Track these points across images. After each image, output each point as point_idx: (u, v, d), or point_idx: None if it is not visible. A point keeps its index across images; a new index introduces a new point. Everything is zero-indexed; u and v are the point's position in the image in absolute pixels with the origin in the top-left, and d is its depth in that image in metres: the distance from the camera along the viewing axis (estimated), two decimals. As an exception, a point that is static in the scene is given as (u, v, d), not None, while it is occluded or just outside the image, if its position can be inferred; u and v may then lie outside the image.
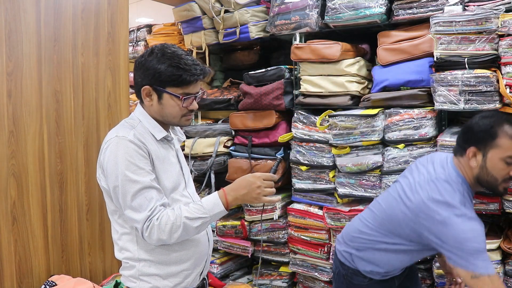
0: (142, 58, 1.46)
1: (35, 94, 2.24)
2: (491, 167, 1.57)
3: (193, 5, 3.26)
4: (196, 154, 3.21)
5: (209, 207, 1.40)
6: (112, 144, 1.40)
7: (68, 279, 2.27)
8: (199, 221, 1.39)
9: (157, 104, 1.47)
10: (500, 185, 1.59)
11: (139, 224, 1.37)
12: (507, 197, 2.20)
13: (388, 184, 2.46)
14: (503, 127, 1.56)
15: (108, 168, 1.40)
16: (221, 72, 3.80)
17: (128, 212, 1.39)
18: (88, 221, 2.50)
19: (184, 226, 1.38)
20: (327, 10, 2.69)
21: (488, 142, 1.57)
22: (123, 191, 1.37)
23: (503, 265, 2.22)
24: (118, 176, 1.37)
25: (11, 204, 2.15)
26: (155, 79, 1.43)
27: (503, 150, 1.55)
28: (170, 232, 1.37)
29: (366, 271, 1.79)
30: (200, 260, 1.56)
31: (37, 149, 2.25)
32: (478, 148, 1.60)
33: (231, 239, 3.07)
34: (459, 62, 2.22)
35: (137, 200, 1.37)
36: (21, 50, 2.18)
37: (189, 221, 1.38)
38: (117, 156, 1.38)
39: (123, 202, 1.39)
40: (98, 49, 2.52)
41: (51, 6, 2.29)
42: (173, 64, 1.42)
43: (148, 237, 1.38)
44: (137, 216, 1.37)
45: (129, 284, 1.50)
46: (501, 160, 1.55)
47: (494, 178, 1.58)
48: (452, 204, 1.53)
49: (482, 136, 1.59)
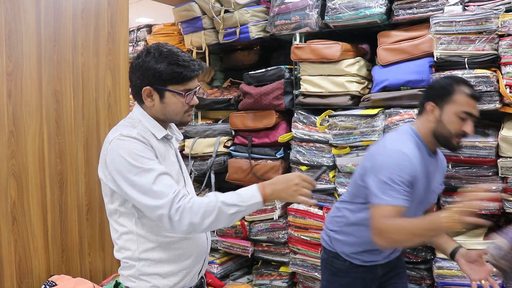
0: (139, 60, 1.44)
1: (35, 94, 2.24)
2: (446, 121, 1.67)
3: (193, 5, 3.26)
4: (196, 154, 3.21)
5: (247, 197, 1.37)
6: (118, 143, 1.40)
7: (68, 279, 2.27)
8: (234, 208, 1.35)
9: (159, 103, 1.47)
10: (453, 139, 1.69)
11: (164, 210, 1.33)
12: (507, 197, 2.20)
13: (388, 184, 2.46)
14: (460, 85, 1.68)
15: (120, 166, 1.37)
16: (221, 72, 3.80)
17: (149, 201, 1.34)
18: (88, 221, 2.50)
19: (218, 211, 1.33)
20: (327, 10, 2.69)
21: (445, 98, 1.68)
22: (140, 182, 1.34)
23: (503, 265, 2.22)
24: (132, 170, 1.35)
25: (11, 204, 2.15)
26: (156, 79, 1.43)
27: (458, 105, 1.66)
28: (203, 216, 1.33)
29: (344, 253, 1.85)
30: (199, 259, 1.56)
31: (37, 149, 2.25)
32: (436, 103, 1.70)
33: (231, 239, 3.07)
34: (459, 62, 2.22)
35: (157, 187, 1.34)
36: (21, 50, 2.18)
37: (225, 206, 1.34)
38: (125, 153, 1.37)
39: (142, 194, 1.35)
40: (98, 49, 2.52)
41: (51, 6, 2.29)
42: (173, 62, 1.42)
43: (178, 222, 1.33)
44: (161, 202, 1.33)
45: (129, 283, 1.50)
46: (455, 114, 1.66)
47: (448, 131, 1.67)
48: (395, 145, 1.68)
49: (441, 92, 1.70)
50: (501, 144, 2.16)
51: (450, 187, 2.33)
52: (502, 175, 2.19)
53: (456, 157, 2.25)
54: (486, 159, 2.20)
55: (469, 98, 1.66)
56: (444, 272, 2.30)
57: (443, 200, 2.35)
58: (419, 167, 1.64)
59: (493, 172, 2.22)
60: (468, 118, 1.67)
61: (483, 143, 2.19)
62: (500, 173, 2.18)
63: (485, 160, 2.20)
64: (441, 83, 1.74)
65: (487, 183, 2.24)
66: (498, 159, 2.18)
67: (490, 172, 2.23)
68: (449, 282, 2.29)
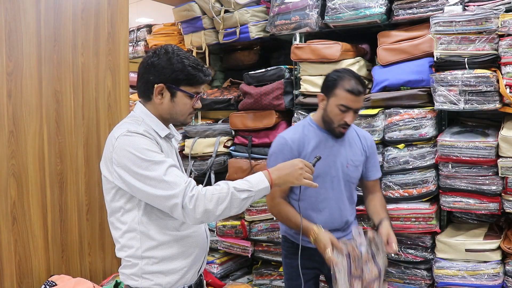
0: (156, 58, 1.46)
1: (35, 94, 2.24)
2: (329, 111, 1.88)
3: (193, 5, 3.26)
4: (196, 154, 3.21)
5: (255, 182, 1.43)
6: (125, 139, 1.41)
7: (68, 279, 2.27)
8: (246, 193, 1.41)
9: (169, 102, 1.49)
10: (336, 128, 1.89)
11: (178, 199, 1.35)
12: (507, 197, 2.20)
13: (388, 184, 2.46)
14: (343, 80, 1.85)
15: (128, 162, 1.38)
16: (221, 72, 3.80)
17: (162, 192, 1.36)
18: (88, 221, 2.50)
19: (231, 197, 1.38)
20: (327, 10, 2.69)
21: (330, 90, 1.88)
22: (152, 175, 1.36)
23: (503, 265, 2.22)
24: (141, 165, 1.37)
25: (11, 204, 2.15)
26: (172, 78, 1.45)
27: (338, 98, 1.84)
28: (217, 202, 1.37)
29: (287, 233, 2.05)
30: (200, 257, 1.58)
31: (37, 149, 2.25)
32: (325, 94, 1.91)
33: (231, 239, 3.07)
34: (459, 62, 2.22)
35: (168, 177, 1.37)
36: (21, 50, 2.18)
37: (237, 192, 1.40)
38: (134, 148, 1.38)
39: (153, 187, 1.37)
40: (98, 49, 2.52)
41: (51, 6, 2.29)
42: (190, 64, 1.46)
43: (193, 210, 1.36)
44: (174, 191, 1.35)
45: (130, 282, 1.50)
46: (336, 106, 1.85)
47: (331, 120, 1.88)
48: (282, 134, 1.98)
49: (327, 85, 1.90)
50: (501, 144, 2.16)
51: (450, 187, 2.33)
52: (502, 175, 2.19)
53: (456, 157, 2.25)
54: (486, 159, 2.20)
55: (347, 93, 1.83)
56: (444, 272, 2.30)
57: (443, 200, 2.36)
58: (308, 146, 1.90)
59: (493, 172, 2.22)
60: (347, 110, 1.85)
61: (483, 143, 2.19)
62: (500, 173, 2.19)
63: (485, 160, 2.20)
64: (329, 76, 1.91)
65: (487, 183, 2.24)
66: (498, 159, 2.18)
67: (490, 172, 2.23)
68: (449, 282, 2.29)
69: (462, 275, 2.25)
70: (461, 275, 2.26)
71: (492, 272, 2.20)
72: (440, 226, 2.43)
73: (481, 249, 2.23)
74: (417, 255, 2.43)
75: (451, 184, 2.32)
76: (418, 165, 2.40)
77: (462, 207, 2.32)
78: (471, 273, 2.24)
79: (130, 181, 1.39)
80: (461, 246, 2.26)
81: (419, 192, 2.40)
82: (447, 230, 2.44)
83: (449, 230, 2.44)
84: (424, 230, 2.40)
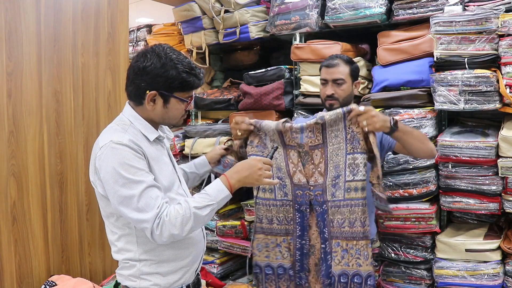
0: (148, 63, 1.41)
1: (35, 94, 2.24)
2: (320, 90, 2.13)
3: (193, 5, 3.25)
4: (196, 154, 3.21)
5: (214, 194, 1.43)
6: (108, 150, 1.38)
7: (68, 279, 2.27)
8: (207, 209, 1.41)
9: (162, 108, 1.46)
10: (325, 102, 2.11)
11: (148, 224, 1.36)
12: (507, 197, 2.20)
13: (388, 184, 2.46)
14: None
15: (107, 174, 1.37)
16: (221, 72, 3.80)
17: (134, 214, 1.36)
18: (88, 221, 2.50)
19: (194, 217, 1.38)
20: (327, 10, 2.69)
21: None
22: (127, 194, 1.35)
23: (503, 265, 2.22)
24: (119, 180, 1.35)
25: (11, 204, 2.15)
26: (165, 86, 1.42)
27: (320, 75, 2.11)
28: (182, 225, 1.37)
29: None
30: (197, 257, 1.58)
31: (37, 149, 2.25)
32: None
33: (231, 239, 3.07)
34: (459, 62, 2.22)
35: (143, 200, 1.36)
36: (21, 50, 2.18)
37: (198, 210, 1.39)
38: (115, 162, 1.36)
39: (127, 206, 1.36)
40: (98, 49, 2.52)
41: (51, 6, 2.29)
42: (184, 70, 1.42)
43: (160, 235, 1.37)
44: (145, 216, 1.35)
45: (128, 283, 1.50)
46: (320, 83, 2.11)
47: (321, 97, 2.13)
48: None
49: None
50: (501, 144, 2.16)
51: (450, 187, 2.33)
52: (502, 175, 2.19)
53: (456, 157, 2.25)
54: (486, 159, 2.20)
55: (323, 67, 2.09)
56: (444, 272, 2.30)
57: (443, 200, 2.36)
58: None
59: (493, 172, 2.22)
60: (326, 83, 2.06)
61: (483, 143, 2.19)
62: (500, 173, 2.19)
63: (485, 160, 2.20)
64: None
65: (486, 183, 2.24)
66: (498, 159, 2.18)
67: (490, 172, 2.23)
68: (449, 282, 2.29)
69: (462, 275, 2.25)
70: (461, 275, 2.25)
71: (492, 272, 2.20)
72: (440, 226, 2.43)
73: (481, 249, 2.23)
74: (417, 255, 2.43)
75: (451, 184, 2.32)
76: (418, 165, 2.40)
77: (462, 207, 2.32)
78: (471, 273, 2.24)
79: (108, 193, 1.40)
80: (461, 246, 2.26)
81: (419, 192, 2.40)
82: (447, 230, 2.44)
83: (449, 230, 2.44)
84: (424, 230, 2.40)
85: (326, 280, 1.81)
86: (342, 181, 1.75)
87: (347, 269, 1.77)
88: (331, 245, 1.78)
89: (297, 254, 1.86)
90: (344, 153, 1.74)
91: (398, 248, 2.47)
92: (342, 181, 1.75)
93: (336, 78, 2.03)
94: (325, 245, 1.79)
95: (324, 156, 1.78)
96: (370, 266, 1.75)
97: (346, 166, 1.74)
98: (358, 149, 1.72)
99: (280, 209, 1.86)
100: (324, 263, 1.80)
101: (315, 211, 1.80)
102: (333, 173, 1.77)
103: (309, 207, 1.82)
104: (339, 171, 1.76)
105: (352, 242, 1.75)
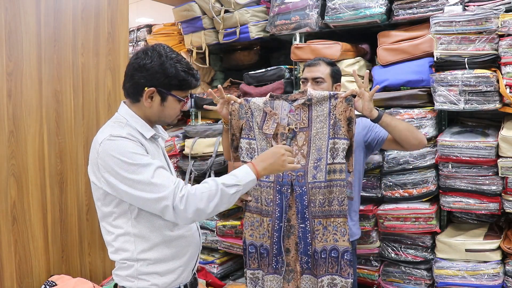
0: (148, 60, 1.43)
1: (35, 94, 2.24)
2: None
3: (193, 5, 3.25)
4: (196, 154, 3.21)
5: (241, 176, 1.44)
6: (109, 144, 1.38)
7: (68, 279, 2.27)
8: (234, 188, 1.41)
9: (159, 105, 1.47)
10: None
11: (168, 201, 1.34)
12: (507, 197, 2.20)
13: (388, 184, 2.46)
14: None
15: (115, 166, 1.37)
16: (221, 72, 3.80)
17: (151, 195, 1.35)
18: (88, 221, 2.50)
19: (221, 193, 1.38)
20: (327, 10, 2.69)
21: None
22: (139, 179, 1.35)
23: (503, 265, 2.22)
24: (127, 169, 1.35)
25: (11, 204, 2.15)
26: (164, 82, 1.44)
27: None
28: (208, 200, 1.37)
29: None
30: (194, 255, 1.59)
31: (37, 149, 2.25)
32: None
33: (231, 239, 3.07)
34: (459, 62, 2.22)
35: (156, 179, 1.35)
36: (21, 50, 2.18)
37: (226, 188, 1.39)
38: (118, 153, 1.36)
39: (142, 190, 1.35)
40: (98, 49, 2.52)
41: (51, 6, 2.29)
42: (183, 69, 1.44)
43: (184, 210, 1.35)
44: (163, 193, 1.35)
45: (125, 283, 1.49)
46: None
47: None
48: None
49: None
50: (501, 144, 2.16)
51: (450, 187, 2.33)
52: (502, 175, 2.19)
53: (456, 157, 2.25)
54: (486, 159, 2.20)
55: (305, 67, 2.13)
56: (444, 272, 2.30)
57: (443, 200, 2.36)
58: None
59: (493, 172, 2.22)
60: (306, 81, 2.09)
61: (483, 143, 2.19)
62: (500, 173, 2.19)
63: (485, 160, 2.20)
64: None
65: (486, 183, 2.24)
66: (498, 159, 2.18)
67: (490, 172, 2.23)
68: (449, 282, 2.29)
69: (462, 275, 2.25)
70: (461, 275, 2.25)
71: (492, 272, 2.20)
72: (440, 226, 2.43)
73: (481, 249, 2.23)
74: (417, 255, 2.43)
75: (451, 184, 2.32)
76: (418, 165, 2.40)
77: (462, 207, 2.32)
78: (471, 273, 2.24)
79: (118, 186, 1.38)
80: (461, 246, 2.26)
81: (419, 192, 2.40)
82: (447, 230, 2.44)
83: (449, 230, 2.44)
84: (424, 230, 2.39)
85: (304, 258, 1.88)
86: (323, 164, 1.83)
87: (326, 244, 1.85)
88: (313, 224, 1.85)
89: (275, 236, 1.90)
90: (326, 137, 1.83)
91: (398, 248, 2.47)
92: (323, 164, 1.83)
93: (315, 76, 2.06)
94: (305, 224, 1.86)
95: (308, 139, 1.85)
96: (347, 242, 1.85)
97: (328, 150, 1.83)
98: (339, 134, 1.82)
99: (263, 190, 1.92)
100: (302, 241, 1.87)
101: (295, 191, 1.86)
102: (315, 156, 1.85)
103: (290, 188, 1.87)
104: (321, 154, 1.84)
105: (330, 220, 1.85)
